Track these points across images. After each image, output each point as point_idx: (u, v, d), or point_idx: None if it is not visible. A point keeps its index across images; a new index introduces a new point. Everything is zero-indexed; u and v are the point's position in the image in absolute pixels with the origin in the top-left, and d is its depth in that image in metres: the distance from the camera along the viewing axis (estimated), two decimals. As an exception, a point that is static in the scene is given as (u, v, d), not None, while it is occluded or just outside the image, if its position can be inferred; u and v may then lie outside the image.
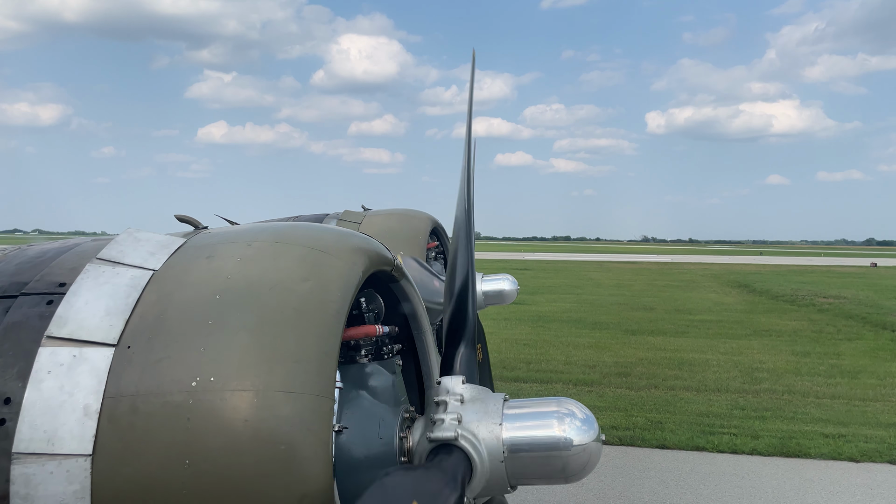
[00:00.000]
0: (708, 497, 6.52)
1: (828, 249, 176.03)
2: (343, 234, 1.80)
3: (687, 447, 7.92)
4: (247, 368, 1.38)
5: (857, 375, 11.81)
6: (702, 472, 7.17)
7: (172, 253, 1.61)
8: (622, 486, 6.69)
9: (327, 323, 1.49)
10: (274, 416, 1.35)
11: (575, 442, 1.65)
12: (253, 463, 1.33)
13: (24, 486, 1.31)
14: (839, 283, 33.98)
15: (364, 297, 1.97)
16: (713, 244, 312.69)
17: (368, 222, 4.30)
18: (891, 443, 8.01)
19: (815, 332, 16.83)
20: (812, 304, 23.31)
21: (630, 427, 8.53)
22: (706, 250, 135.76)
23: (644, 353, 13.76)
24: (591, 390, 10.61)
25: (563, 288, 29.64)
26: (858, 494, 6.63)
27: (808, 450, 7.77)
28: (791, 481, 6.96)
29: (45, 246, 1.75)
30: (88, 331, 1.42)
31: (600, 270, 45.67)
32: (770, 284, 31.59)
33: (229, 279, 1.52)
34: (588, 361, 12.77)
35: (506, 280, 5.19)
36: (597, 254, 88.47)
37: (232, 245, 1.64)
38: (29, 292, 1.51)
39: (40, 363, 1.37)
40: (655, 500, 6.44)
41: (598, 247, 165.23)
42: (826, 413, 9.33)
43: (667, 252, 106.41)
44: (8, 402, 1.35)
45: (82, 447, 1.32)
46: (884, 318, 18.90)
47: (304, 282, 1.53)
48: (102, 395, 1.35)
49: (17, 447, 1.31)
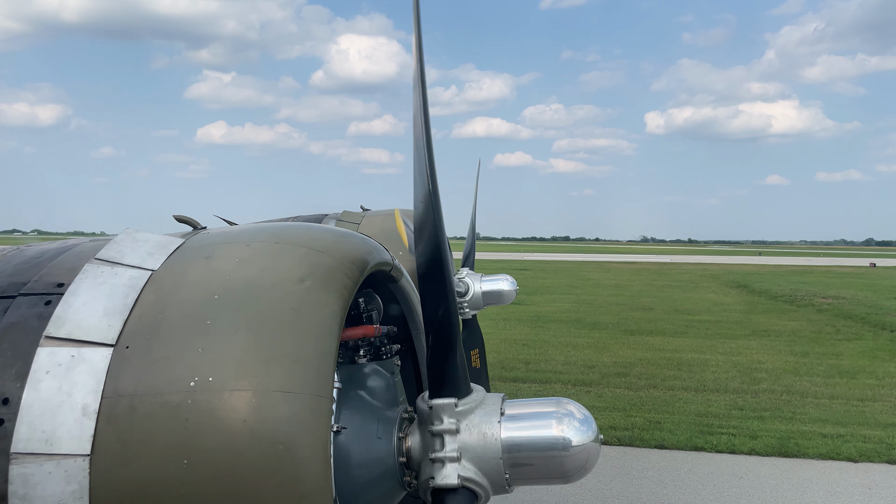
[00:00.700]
0: (706, 497, 6.53)
1: (827, 250, 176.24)
2: (342, 235, 1.80)
3: (685, 447, 7.93)
4: (245, 369, 1.38)
5: (855, 376, 11.83)
6: (700, 473, 7.18)
7: (171, 253, 1.61)
8: (620, 486, 6.70)
9: (326, 323, 1.49)
10: (272, 416, 1.35)
11: (574, 442, 1.65)
12: (251, 463, 1.32)
13: (23, 487, 1.31)
14: (838, 283, 34.03)
15: (363, 298, 1.97)
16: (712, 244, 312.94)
17: (367, 223, 4.31)
18: (889, 443, 8.03)
19: (814, 333, 16.85)
20: (811, 304, 23.34)
21: (629, 427, 8.54)
22: (705, 250, 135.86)
23: (643, 353, 13.77)
24: (590, 390, 10.62)
25: (562, 288, 29.66)
26: (856, 494, 6.64)
27: (806, 450, 7.79)
28: (789, 481, 6.97)
29: (44, 246, 1.75)
30: (87, 331, 1.42)
31: (599, 271, 45.70)
32: (769, 285, 31.63)
33: (228, 279, 1.52)
34: (587, 362, 12.78)
35: (505, 280, 5.20)
36: (596, 254, 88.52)
37: (230, 245, 1.64)
38: (27, 292, 1.51)
39: (39, 363, 1.37)
40: (654, 500, 6.44)
41: (598, 247, 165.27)
42: (824, 413, 9.34)
43: (666, 252, 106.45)
44: (6, 402, 1.35)
45: (81, 447, 1.32)
46: (883, 319, 18.93)
47: (303, 282, 1.53)
48: (101, 396, 1.35)
49: (15, 447, 1.31)
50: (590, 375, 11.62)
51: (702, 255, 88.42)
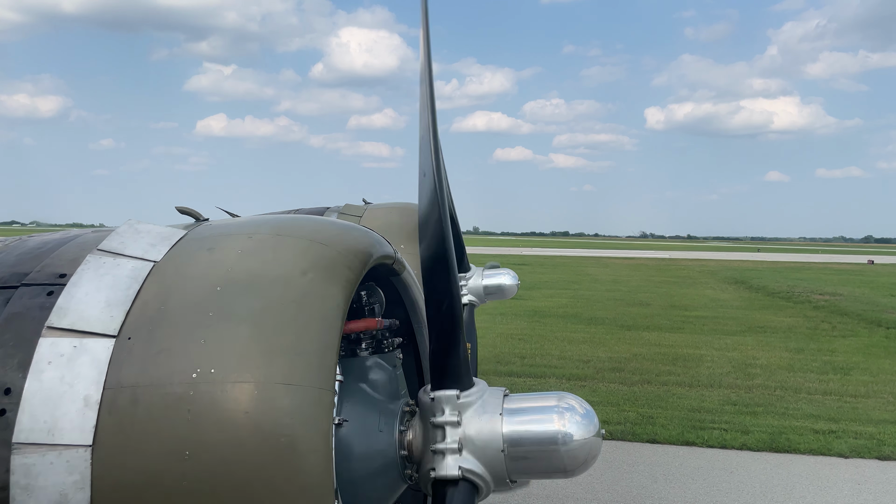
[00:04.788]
0: (696, 491, 6.57)
1: (825, 246, 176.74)
2: (344, 228, 1.80)
3: (677, 442, 7.97)
4: (247, 360, 1.38)
5: (849, 372, 11.89)
6: (690, 467, 7.21)
7: (173, 245, 1.61)
8: (611, 479, 6.72)
9: (328, 316, 1.49)
10: (274, 408, 1.35)
11: (575, 437, 1.66)
12: (253, 455, 1.33)
13: (25, 477, 1.31)
14: (836, 279, 34.15)
15: (365, 291, 1.97)
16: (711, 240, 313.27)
17: (370, 216, 4.30)
18: (880, 439, 8.08)
19: (810, 329, 16.92)
20: (808, 300, 23.42)
21: (621, 422, 8.58)
22: (704, 246, 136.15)
23: (638, 348, 13.81)
24: (585, 385, 10.66)
25: (560, 283, 29.71)
26: (846, 489, 6.69)
27: (797, 445, 7.83)
28: (779, 476, 7.01)
29: (46, 237, 1.74)
30: (89, 322, 1.41)
31: (598, 266, 45.76)
32: (767, 281, 31.74)
33: (230, 271, 1.51)
34: (582, 356, 12.82)
35: (506, 275, 5.19)
36: (595, 249, 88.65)
37: (233, 237, 1.64)
38: (30, 283, 1.50)
39: (41, 354, 1.37)
40: (644, 493, 6.48)
41: (597, 243, 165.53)
42: (817, 409, 9.39)
43: (665, 248, 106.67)
44: (8, 392, 1.35)
45: (83, 438, 1.32)
46: (879, 316, 19.03)
47: (305, 274, 1.53)
48: (103, 386, 1.35)
49: (17, 437, 1.31)
50: (584, 370, 11.66)
51: (700, 251, 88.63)
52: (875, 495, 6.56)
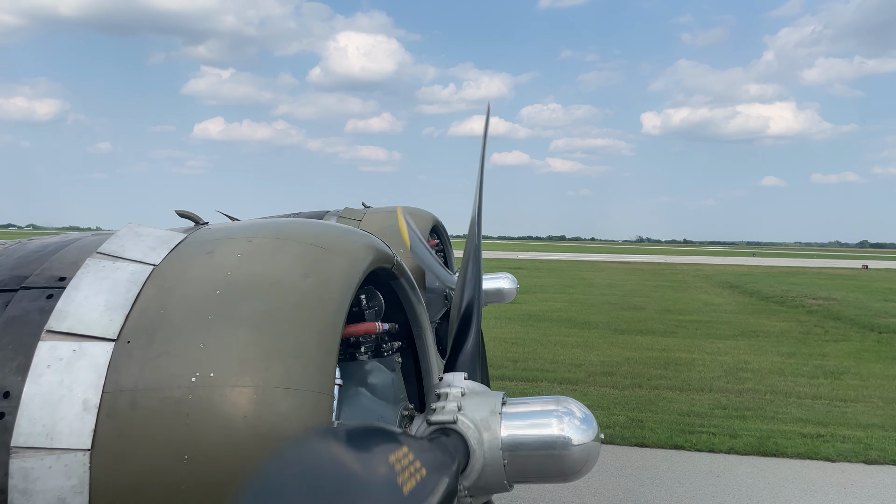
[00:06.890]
0: (682, 495, 6.58)
1: (820, 251, 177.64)
2: (344, 231, 1.80)
3: (666, 446, 7.96)
4: (246, 364, 1.38)
5: (840, 376, 11.96)
6: (678, 471, 7.22)
7: (173, 248, 1.61)
8: (598, 483, 6.72)
9: (327, 320, 1.49)
10: (273, 412, 1.35)
11: (574, 441, 1.66)
12: (252, 459, 1.33)
13: (23, 480, 1.30)
14: (830, 284, 34.33)
15: (364, 295, 1.97)
16: (707, 245, 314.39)
17: (369, 219, 4.30)
18: (867, 443, 8.11)
19: (803, 334, 17.01)
20: (801, 305, 23.54)
21: (611, 425, 8.58)
22: (700, 251, 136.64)
23: (631, 352, 13.84)
24: (576, 389, 10.66)
25: (555, 287, 29.73)
26: (832, 493, 6.71)
27: (785, 449, 7.85)
28: (766, 480, 7.02)
29: (46, 240, 1.74)
30: (88, 325, 1.41)
31: (593, 270, 45.86)
32: (761, 286, 31.87)
33: (230, 275, 1.51)
34: (574, 360, 12.84)
35: (505, 279, 5.20)
36: (591, 254, 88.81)
37: (232, 241, 1.64)
38: (29, 286, 1.50)
39: (40, 357, 1.36)
40: (630, 497, 6.49)
41: (593, 247, 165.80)
42: (806, 413, 9.43)
43: (661, 253, 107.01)
44: (7, 395, 1.34)
45: (81, 442, 1.32)
46: (871, 320, 19.14)
47: (305, 278, 1.54)
48: (102, 390, 1.35)
49: (15, 441, 1.31)
50: (576, 374, 11.67)
51: (696, 256, 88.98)
52: (861, 499, 6.58)
